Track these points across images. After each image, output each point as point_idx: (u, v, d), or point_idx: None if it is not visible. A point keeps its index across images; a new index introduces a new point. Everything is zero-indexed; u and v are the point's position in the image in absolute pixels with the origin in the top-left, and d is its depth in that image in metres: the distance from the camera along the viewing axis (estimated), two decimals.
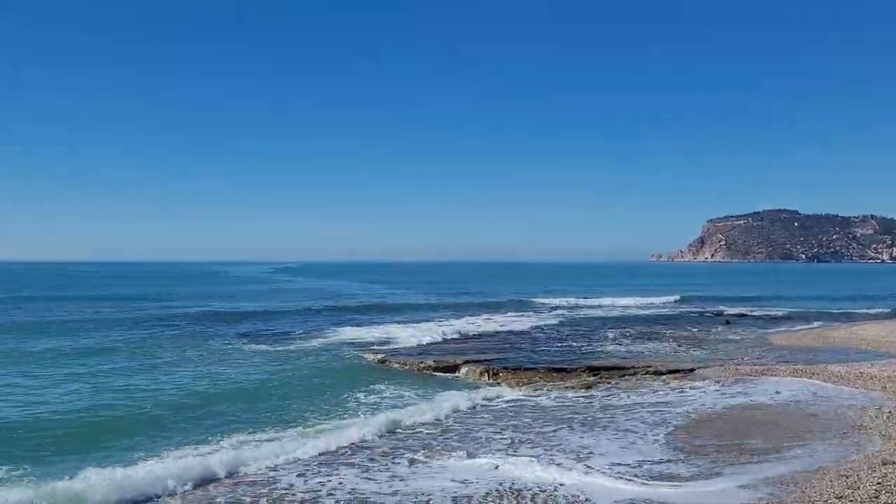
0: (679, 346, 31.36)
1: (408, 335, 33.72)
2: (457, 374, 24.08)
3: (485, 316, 45.58)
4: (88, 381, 21.07)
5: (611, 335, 35.23)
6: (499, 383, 22.41)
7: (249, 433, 15.48)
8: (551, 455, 13.72)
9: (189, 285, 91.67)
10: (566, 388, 21.55)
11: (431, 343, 31.31)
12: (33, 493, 11.06)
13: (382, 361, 26.10)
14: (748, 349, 30.04)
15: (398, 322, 40.81)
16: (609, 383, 22.24)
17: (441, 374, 24.14)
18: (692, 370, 24.02)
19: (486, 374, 23.56)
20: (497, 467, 12.89)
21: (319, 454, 13.98)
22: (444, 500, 11.33)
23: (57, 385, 20.45)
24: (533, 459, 13.33)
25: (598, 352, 29.23)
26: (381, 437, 15.41)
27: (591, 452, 13.94)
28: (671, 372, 23.73)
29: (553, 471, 12.53)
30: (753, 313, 48.21)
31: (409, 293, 73.76)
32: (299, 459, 13.62)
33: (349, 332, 35.29)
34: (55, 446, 14.30)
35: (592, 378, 23.03)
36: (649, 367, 24.59)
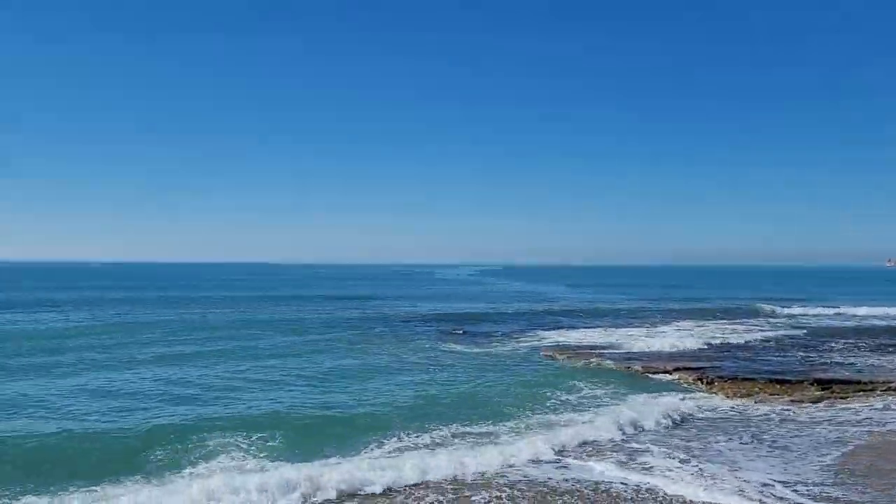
0: None
1: (615, 339, 33.01)
2: (667, 380, 23.05)
3: (698, 322, 43.28)
4: (315, 378, 22.72)
5: (842, 346, 31.82)
6: (714, 392, 21.15)
7: (459, 429, 16.23)
8: (701, 466, 13.47)
9: (397, 287, 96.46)
10: (791, 401, 19.90)
11: (640, 348, 30.27)
12: (290, 471, 12.36)
13: (588, 364, 25.67)
14: None
15: (604, 326, 39.98)
16: (843, 399, 20.14)
17: (650, 379, 23.26)
18: None
19: (699, 382, 22.34)
20: (647, 474, 12.97)
21: (515, 452, 14.25)
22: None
23: (290, 381, 22.33)
24: (688, 472, 13.13)
25: (829, 364, 26.50)
26: (574, 437, 15.48)
27: (738, 468, 13.43)
28: None
29: (697, 490, 12.07)
30: None
31: (615, 297, 71.95)
32: (514, 460, 13.88)
33: (553, 335, 35.22)
34: (296, 433, 15.52)
35: (820, 392, 20.98)
36: (891, 382, 21.87)
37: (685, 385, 22.29)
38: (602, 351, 29.05)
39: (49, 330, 34.93)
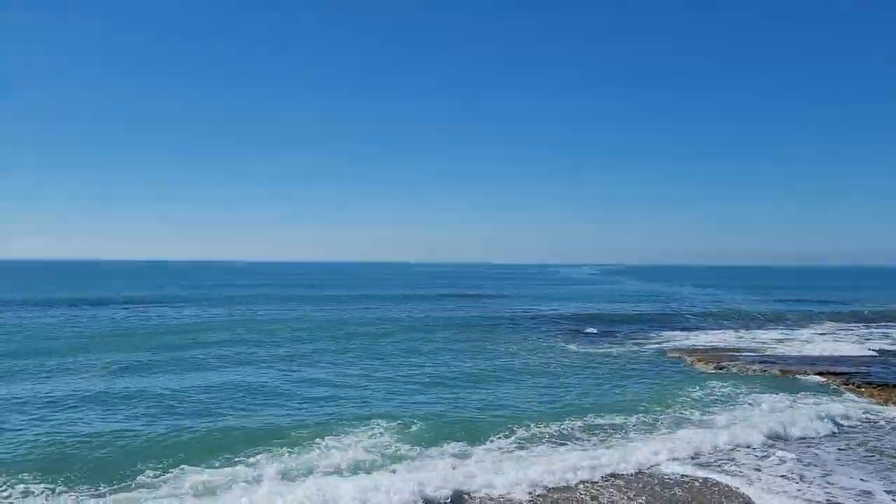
0: None
1: (748, 342, 31.67)
2: (811, 383, 21.69)
3: (842, 325, 40.68)
4: (441, 376, 22.96)
5: None
6: (861, 398, 19.77)
7: (587, 423, 16.16)
8: (803, 473, 13.00)
9: (520, 286, 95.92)
10: None
11: (778, 350, 28.79)
12: (419, 468, 12.79)
13: (719, 366, 24.61)
14: None
15: (734, 328, 38.32)
16: None
17: (789, 382, 21.99)
18: None
19: (844, 386, 20.95)
20: (763, 476, 12.71)
21: (639, 447, 14.14)
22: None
23: (416, 378, 22.71)
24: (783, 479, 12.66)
25: None
26: (697, 436, 15.11)
27: (829, 471, 13.07)
28: None
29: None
30: None
31: (744, 298, 68.55)
32: (636, 455, 13.72)
33: (681, 336, 34.17)
34: (426, 429, 15.69)
35: None
36: None
37: (832, 388, 20.96)
38: (734, 353, 27.79)
39: (191, 325, 37.47)
